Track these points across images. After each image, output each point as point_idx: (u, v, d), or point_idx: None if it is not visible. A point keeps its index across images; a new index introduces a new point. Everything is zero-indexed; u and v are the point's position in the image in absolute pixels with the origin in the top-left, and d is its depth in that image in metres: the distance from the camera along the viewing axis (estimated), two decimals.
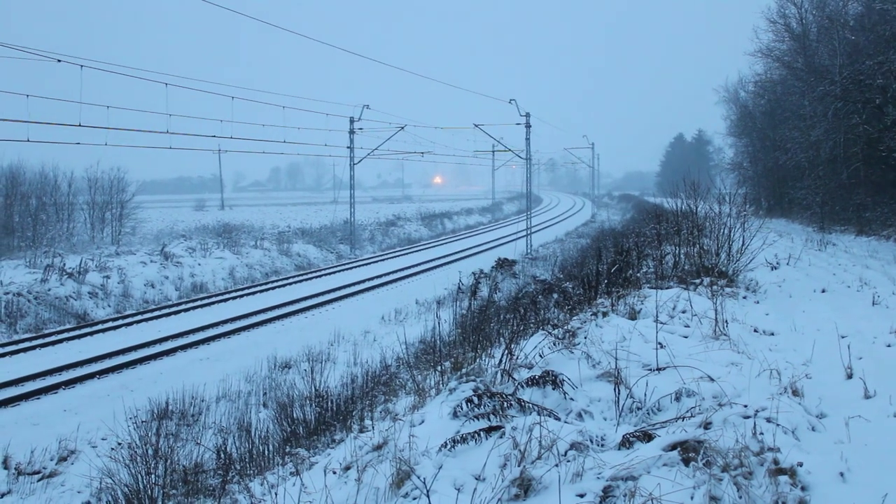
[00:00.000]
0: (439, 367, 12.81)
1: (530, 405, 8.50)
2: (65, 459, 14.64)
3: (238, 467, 11.72)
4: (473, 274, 25.98)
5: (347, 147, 57.00)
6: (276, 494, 8.10)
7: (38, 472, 14.07)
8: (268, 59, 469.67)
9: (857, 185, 43.17)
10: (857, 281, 20.28)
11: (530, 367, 10.18)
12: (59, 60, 27.21)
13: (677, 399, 8.74)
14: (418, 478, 6.84)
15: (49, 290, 30.13)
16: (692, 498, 6.06)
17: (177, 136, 37.08)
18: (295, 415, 13.81)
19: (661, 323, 12.39)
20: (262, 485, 9.60)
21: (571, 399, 8.99)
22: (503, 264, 36.26)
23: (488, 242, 60.78)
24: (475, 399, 8.60)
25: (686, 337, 12.27)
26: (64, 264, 33.30)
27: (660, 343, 10.65)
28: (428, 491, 6.39)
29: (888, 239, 34.09)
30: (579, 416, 8.67)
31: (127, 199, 64.36)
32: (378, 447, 8.38)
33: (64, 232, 57.11)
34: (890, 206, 38.41)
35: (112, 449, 14.31)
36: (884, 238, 34.61)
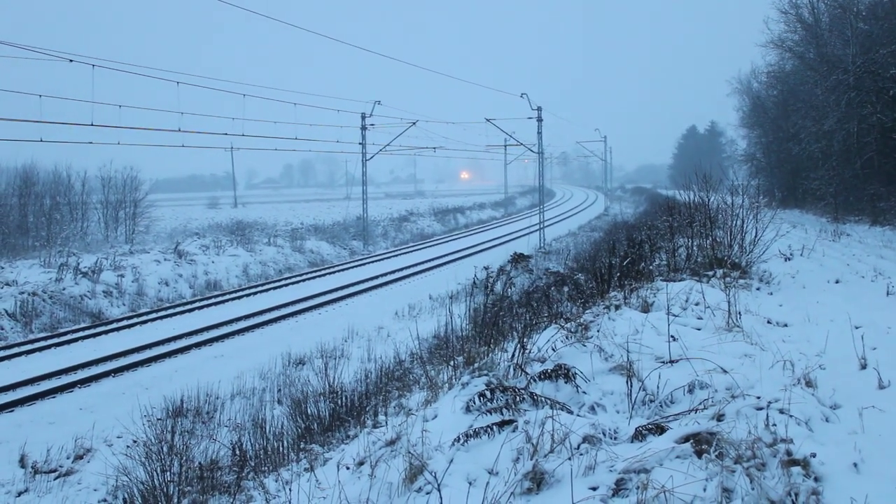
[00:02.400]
0: (452, 362, 12.81)
1: (543, 399, 8.51)
2: (81, 458, 14.72)
3: (253, 464, 11.76)
4: (486, 269, 25.95)
5: (359, 143, 57.12)
6: (290, 490, 8.13)
7: (55, 471, 14.15)
8: (279, 55, 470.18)
9: (871, 175, 42.99)
10: (871, 271, 20.21)
11: (543, 361, 10.18)
12: (70, 60, 27.33)
13: (690, 391, 8.72)
14: (430, 473, 6.86)
15: (64, 289, 30.27)
16: (705, 490, 6.05)
17: (189, 135, 37.29)
18: (309, 411, 13.85)
19: (674, 315, 12.36)
20: (276, 481, 9.63)
21: (584, 392, 8.99)
22: (518, 259, 36.28)
23: (501, 237, 60.72)
24: (488, 393, 8.61)
25: (699, 329, 12.23)
26: (78, 263, 33.45)
27: (672, 335, 10.63)
28: (439, 485, 6.41)
29: None
30: (592, 409, 8.67)
31: (140, 197, 64.58)
32: (391, 442, 8.40)
33: (78, 231, 57.37)
34: None
35: (127, 447, 14.39)
36: None
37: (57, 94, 29.39)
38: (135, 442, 14.12)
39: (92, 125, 30.48)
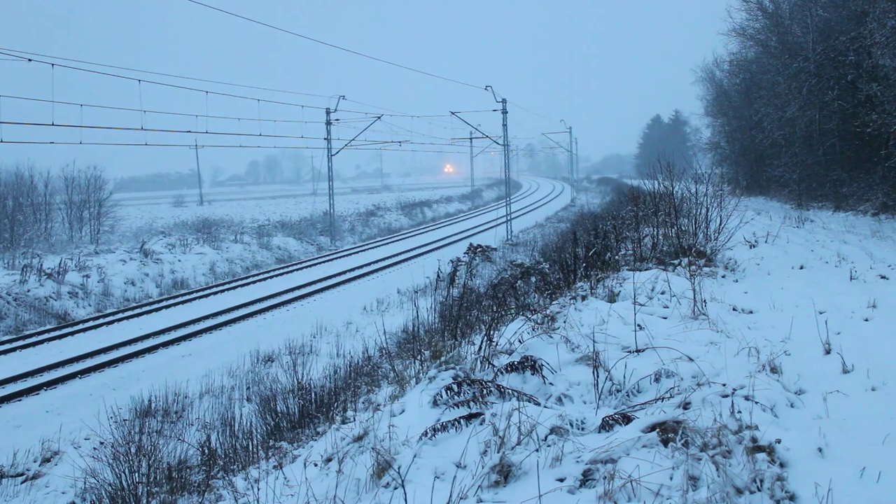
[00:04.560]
0: (419, 356, 12.81)
1: (510, 391, 8.51)
2: (48, 461, 14.60)
3: (222, 462, 11.70)
4: (451, 262, 25.98)
5: (325, 138, 56.93)
6: (258, 489, 8.10)
7: (22, 474, 14.02)
8: (241, 51, 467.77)
9: (833, 161, 43.35)
10: (835, 256, 20.36)
11: (510, 353, 10.18)
12: (29, 60, 27.04)
13: (656, 380, 8.74)
14: (395, 469, 6.85)
15: (28, 291, 29.97)
16: (671, 478, 6.08)
17: (152, 133, 36.99)
18: (278, 408, 13.78)
19: (640, 304, 12.42)
20: (245, 479, 9.59)
21: (551, 384, 9.00)
22: (476, 250, 36.31)
23: (469, 230, 60.81)
24: (455, 387, 8.60)
25: (665, 318, 12.28)
26: (42, 265, 33.11)
27: (638, 325, 10.67)
28: (403, 481, 6.40)
29: (865, 214, 34.29)
30: (559, 400, 8.68)
31: (104, 197, 64.08)
32: (359, 438, 8.38)
33: (42, 232, 56.79)
34: (866, 181, 38.60)
35: (95, 449, 14.30)
36: (861, 213, 34.80)
37: (16, 93, 29.08)
38: (102, 444, 14.01)
39: (53, 125, 30.21)
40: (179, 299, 32.83)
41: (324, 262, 45.09)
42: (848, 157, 42.25)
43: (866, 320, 12.49)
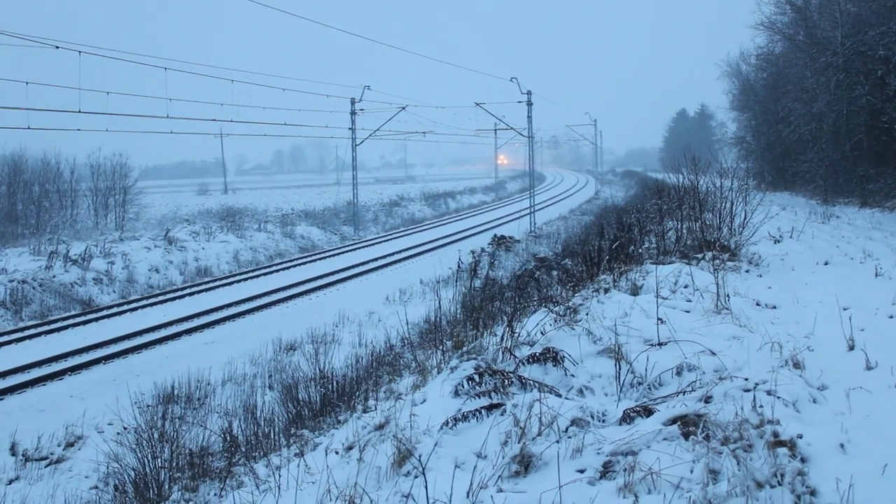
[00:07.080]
0: (441, 347, 12.83)
1: (531, 382, 8.51)
2: (72, 445, 14.71)
3: (244, 450, 11.77)
4: (472, 252, 25.97)
5: (349, 128, 56.99)
6: (279, 476, 8.14)
7: (46, 458, 14.14)
8: (266, 40, 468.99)
9: (860, 156, 43.01)
10: (860, 253, 20.23)
11: (532, 345, 10.19)
12: (57, 47, 27.20)
13: (678, 373, 8.73)
14: (416, 458, 6.86)
15: (54, 276, 30.21)
16: (691, 471, 6.07)
17: (178, 121, 37.17)
18: (300, 396, 13.84)
19: (663, 298, 12.37)
20: (266, 466, 9.65)
21: (572, 375, 9.00)
22: (500, 241, 36.30)
23: (492, 221, 60.74)
24: (476, 377, 8.61)
25: (688, 311, 12.25)
26: (68, 251, 33.37)
27: (661, 318, 10.64)
28: (424, 470, 6.41)
29: (892, 210, 34.00)
30: (580, 392, 8.68)
31: (130, 184, 64.34)
32: (380, 427, 8.40)
33: (67, 219, 57.15)
34: (893, 177, 38.28)
35: (118, 434, 14.38)
36: (887, 210, 34.51)
37: (44, 81, 29.29)
38: (126, 429, 14.12)
39: (80, 112, 30.39)
40: (203, 287, 33.00)
41: (347, 251, 45.19)
42: (875, 152, 41.93)
43: (891, 317, 12.42)
